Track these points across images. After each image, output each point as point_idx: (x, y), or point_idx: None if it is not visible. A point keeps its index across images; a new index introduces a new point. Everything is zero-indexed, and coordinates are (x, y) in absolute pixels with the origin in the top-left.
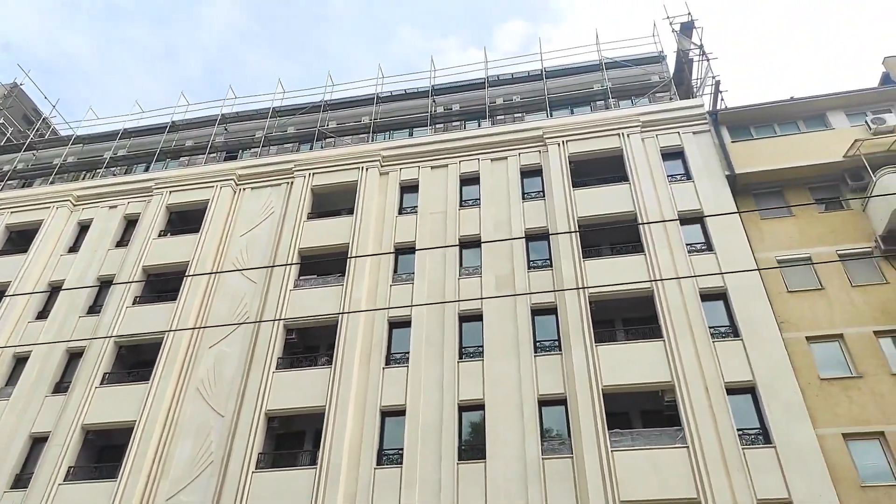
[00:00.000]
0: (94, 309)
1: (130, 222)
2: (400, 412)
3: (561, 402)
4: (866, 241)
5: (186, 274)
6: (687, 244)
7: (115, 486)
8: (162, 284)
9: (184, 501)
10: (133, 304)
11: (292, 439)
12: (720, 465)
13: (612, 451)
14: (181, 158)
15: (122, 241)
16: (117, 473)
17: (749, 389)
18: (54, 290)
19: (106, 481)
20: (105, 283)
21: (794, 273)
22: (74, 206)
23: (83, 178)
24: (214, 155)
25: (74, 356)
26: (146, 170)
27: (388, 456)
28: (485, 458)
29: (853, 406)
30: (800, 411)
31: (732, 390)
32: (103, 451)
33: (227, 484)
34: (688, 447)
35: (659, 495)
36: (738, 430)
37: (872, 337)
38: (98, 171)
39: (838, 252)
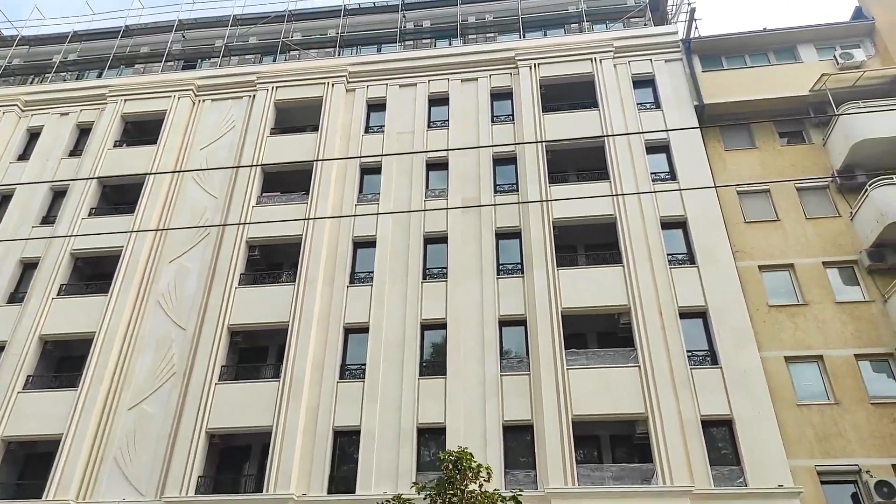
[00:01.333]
0: (48, 219)
1: (84, 131)
2: (363, 329)
3: (521, 322)
4: (824, 174)
5: (144, 184)
6: (651, 172)
7: (76, 394)
8: (119, 197)
9: (147, 411)
10: (89, 215)
11: (256, 354)
12: (669, 384)
13: (567, 369)
14: (136, 66)
15: (76, 151)
16: (77, 382)
17: (701, 314)
18: (4, 198)
19: (66, 390)
20: (59, 194)
21: (753, 204)
22: (22, 111)
23: (31, 83)
24: (171, 63)
25: (29, 266)
26: (99, 76)
27: (351, 371)
28: (445, 375)
29: (797, 332)
30: (747, 336)
31: (685, 314)
32: (62, 362)
33: (190, 395)
34: (639, 367)
35: (609, 411)
36: (688, 352)
37: (821, 267)
38: (47, 75)
39: (796, 186)
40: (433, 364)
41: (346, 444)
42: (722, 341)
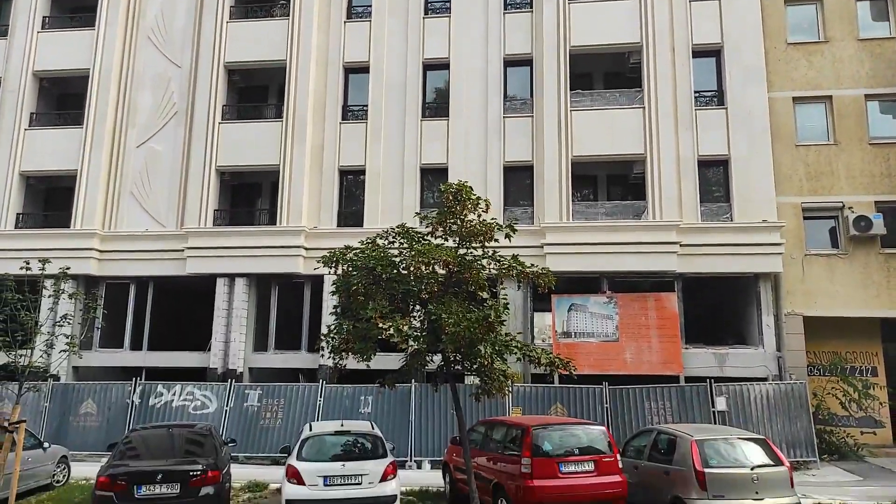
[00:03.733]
0: None
1: None
2: (363, 69)
3: (527, 62)
4: None
5: None
6: None
7: (83, 132)
8: None
9: (155, 149)
10: None
11: (256, 93)
12: (671, 124)
13: (571, 110)
14: None
15: None
16: (82, 120)
17: (715, 52)
18: None
19: (72, 127)
20: None
21: None
22: None
23: None
24: None
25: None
26: None
27: (354, 112)
28: (448, 117)
29: (810, 71)
30: (758, 74)
31: (698, 53)
32: (63, 100)
33: (195, 133)
34: (644, 108)
35: (609, 151)
36: (696, 92)
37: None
38: None
39: None
40: (436, 106)
41: (352, 182)
42: (732, 80)
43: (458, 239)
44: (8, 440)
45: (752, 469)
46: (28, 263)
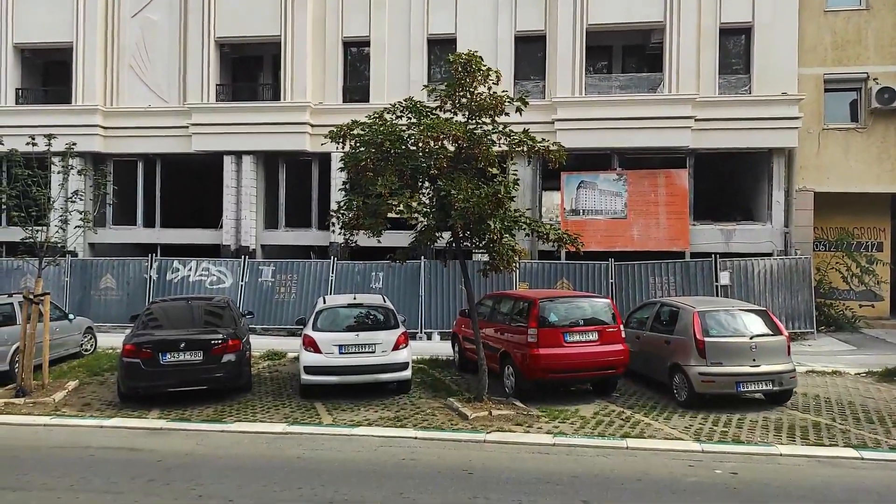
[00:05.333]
0: None
1: None
2: None
3: None
4: None
5: None
6: None
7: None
8: None
9: (151, 19)
10: None
11: None
12: None
13: None
14: None
15: None
16: None
17: None
18: None
19: None
20: None
21: None
22: None
23: None
24: None
25: None
26: None
27: None
28: None
29: None
30: None
31: None
32: None
33: (192, 1)
34: None
35: (627, 19)
36: None
37: None
38: None
39: None
40: None
41: (356, 55)
42: None
43: (467, 113)
44: (35, 311)
45: (750, 338)
46: (34, 139)
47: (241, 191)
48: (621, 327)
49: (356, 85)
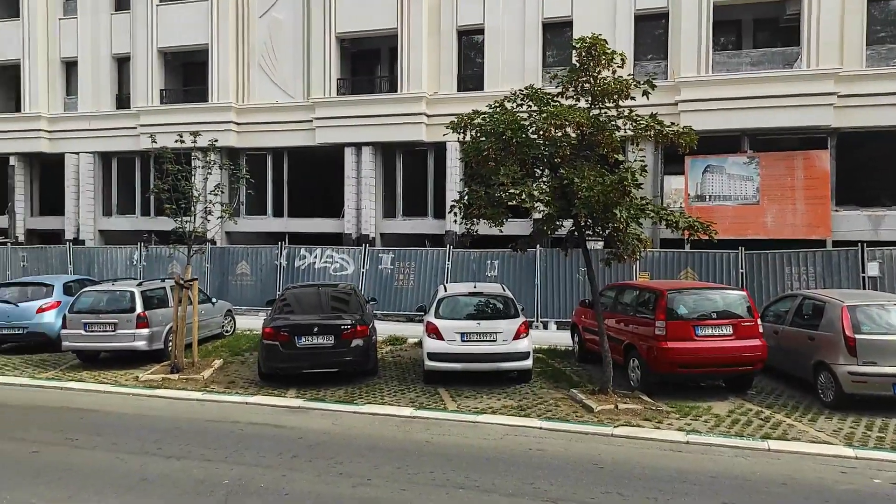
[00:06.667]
0: None
1: None
2: None
3: None
4: None
5: None
6: None
7: (209, 4)
8: None
9: (277, 18)
10: None
11: None
12: None
13: None
14: None
15: None
16: None
17: None
18: None
19: (200, 0)
20: None
21: None
22: None
23: None
24: None
25: None
26: None
27: None
28: None
29: None
30: None
31: None
32: None
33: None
34: None
35: None
36: None
37: None
38: None
39: None
40: None
41: (470, 43)
42: None
43: (590, 98)
44: (184, 295)
45: None
46: (181, 136)
47: (361, 181)
48: (759, 321)
49: (470, 73)
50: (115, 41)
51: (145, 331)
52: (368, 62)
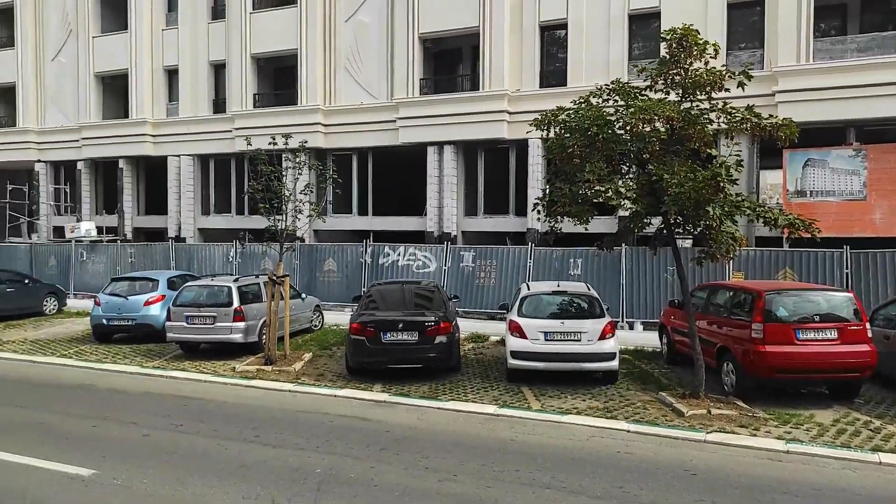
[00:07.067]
0: None
1: None
2: None
3: None
4: None
5: None
6: None
7: (298, 10)
8: None
9: (362, 21)
10: None
11: None
12: None
13: None
14: None
15: None
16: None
17: None
18: None
19: (289, 7)
20: None
21: None
22: None
23: None
24: None
25: None
26: None
27: None
28: None
29: None
30: None
31: None
32: None
33: (398, 1)
34: None
35: None
36: None
37: None
38: None
39: None
40: None
41: (552, 39)
42: None
43: (680, 91)
44: (277, 291)
45: None
46: (274, 139)
47: (442, 179)
48: (867, 325)
49: (552, 69)
50: (212, 49)
51: (241, 324)
52: (450, 61)
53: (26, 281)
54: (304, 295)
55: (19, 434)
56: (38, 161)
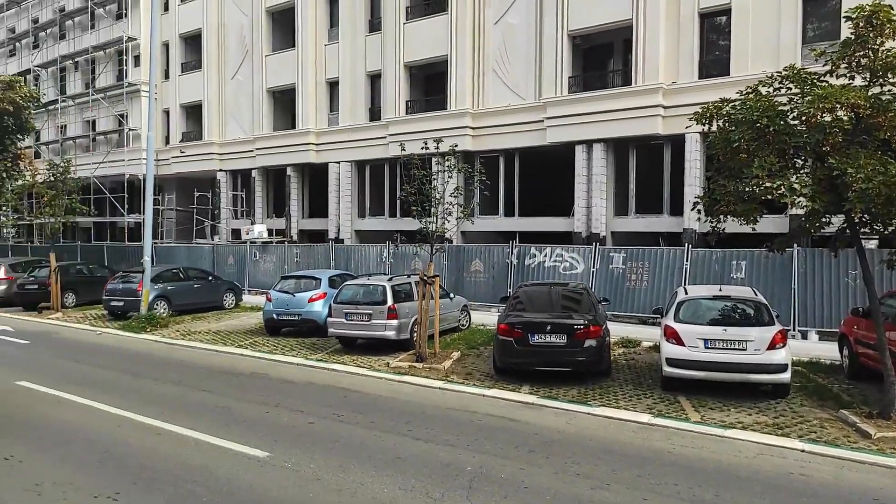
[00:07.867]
0: None
1: None
2: None
3: None
4: None
5: None
6: None
7: (448, 18)
8: None
9: (511, 23)
10: None
11: None
12: None
13: None
14: None
15: None
16: (446, 6)
17: None
18: None
19: (439, 15)
20: None
21: None
22: None
23: None
24: None
25: None
26: None
27: None
28: None
29: None
30: None
31: None
32: None
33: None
34: None
35: None
36: None
37: None
38: None
39: None
40: None
41: (712, 26)
42: None
43: (868, 75)
44: (427, 290)
45: None
46: (426, 144)
47: (591, 179)
48: None
49: (712, 59)
50: (368, 60)
51: (395, 322)
52: (600, 57)
53: (210, 278)
54: (452, 294)
55: (208, 416)
56: (220, 170)
